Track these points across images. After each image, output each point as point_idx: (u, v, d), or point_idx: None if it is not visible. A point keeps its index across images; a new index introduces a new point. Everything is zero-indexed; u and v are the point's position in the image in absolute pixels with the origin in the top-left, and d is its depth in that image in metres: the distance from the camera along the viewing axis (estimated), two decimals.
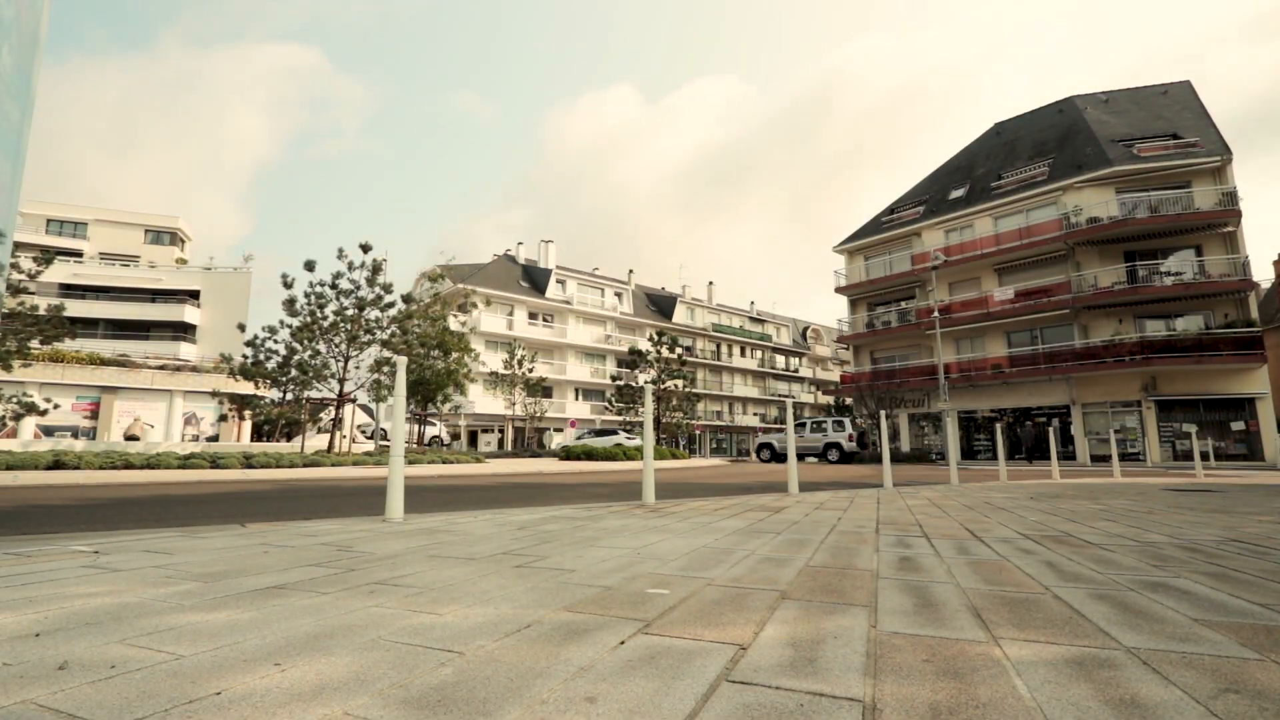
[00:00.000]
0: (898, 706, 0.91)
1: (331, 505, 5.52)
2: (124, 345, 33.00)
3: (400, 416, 3.84)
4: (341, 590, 1.69)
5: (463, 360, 20.73)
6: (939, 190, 32.33)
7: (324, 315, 15.66)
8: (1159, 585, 1.82)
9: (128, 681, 0.99)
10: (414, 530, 3.12)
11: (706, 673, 1.04)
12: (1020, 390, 26.36)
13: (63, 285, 31.68)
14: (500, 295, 39.61)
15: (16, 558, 2.26)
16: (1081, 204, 24.86)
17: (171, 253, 41.60)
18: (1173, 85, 29.85)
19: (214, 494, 7.05)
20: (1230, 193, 22.63)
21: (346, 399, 16.43)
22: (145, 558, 2.25)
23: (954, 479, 8.63)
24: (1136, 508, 4.73)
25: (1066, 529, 3.31)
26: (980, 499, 5.59)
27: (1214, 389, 22.36)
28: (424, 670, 1.04)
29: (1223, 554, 2.45)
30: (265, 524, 3.50)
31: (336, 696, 0.92)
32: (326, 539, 2.78)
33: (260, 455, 12.47)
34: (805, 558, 2.26)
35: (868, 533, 3.05)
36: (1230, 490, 7.26)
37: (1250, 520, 3.83)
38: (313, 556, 2.28)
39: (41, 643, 1.20)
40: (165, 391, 28.56)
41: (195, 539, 2.78)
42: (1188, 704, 0.92)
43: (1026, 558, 2.32)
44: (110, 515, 4.72)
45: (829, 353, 62.84)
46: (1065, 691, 0.97)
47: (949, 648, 1.19)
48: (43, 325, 13.76)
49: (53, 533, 3.39)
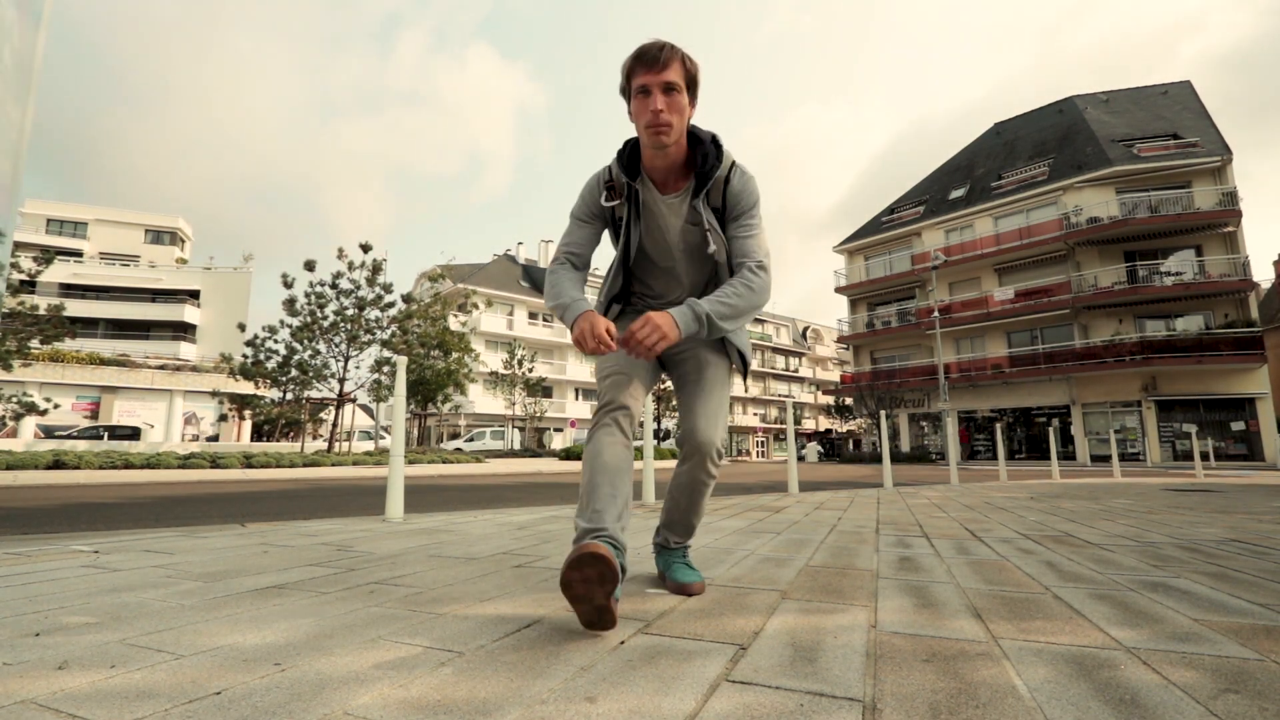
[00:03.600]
0: (898, 706, 0.91)
1: (331, 505, 5.52)
2: (124, 345, 33.03)
3: (400, 416, 3.84)
4: (341, 590, 1.69)
5: (463, 360, 20.73)
6: (939, 190, 32.33)
7: (324, 315, 15.66)
8: (1159, 585, 1.82)
9: (127, 681, 0.99)
10: (414, 530, 3.12)
11: (707, 672, 1.04)
12: (1020, 390, 26.37)
13: (63, 285, 31.70)
14: (500, 295, 39.63)
15: (16, 557, 2.27)
16: (1081, 204, 24.86)
17: (172, 252, 41.60)
18: (1173, 85, 29.85)
19: (214, 494, 7.06)
20: (1230, 193, 22.64)
21: (346, 399, 16.43)
22: (145, 557, 2.25)
23: (954, 479, 8.63)
24: (1136, 508, 4.73)
25: (1066, 529, 3.31)
26: (980, 499, 5.60)
27: (1214, 389, 22.36)
28: (424, 670, 1.04)
29: (1223, 554, 2.45)
30: (265, 524, 3.50)
31: (337, 695, 0.92)
32: (326, 539, 2.78)
33: (260, 455, 12.48)
34: (805, 557, 2.26)
35: (868, 533, 3.05)
36: (1230, 490, 7.26)
37: (1250, 520, 3.83)
38: (313, 556, 2.28)
39: (41, 642, 1.20)
40: (165, 391, 28.58)
41: (195, 539, 2.78)
42: (1188, 704, 0.92)
43: (1026, 558, 2.33)
44: (110, 515, 4.72)
45: (829, 353, 62.87)
46: (1065, 691, 0.97)
47: (949, 647, 1.19)
48: (43, 325, 13.76)
49: (53, 532, 3.39)
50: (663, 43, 1.42)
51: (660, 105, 1.40)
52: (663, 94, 1.41)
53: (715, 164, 1.50)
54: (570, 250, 1.60)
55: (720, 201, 1.54)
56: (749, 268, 1.48)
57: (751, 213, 1.54)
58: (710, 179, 1.50)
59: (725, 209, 1.54)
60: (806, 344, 61.93)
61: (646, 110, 1.41)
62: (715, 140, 1.53)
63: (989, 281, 27.84)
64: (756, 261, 1.48)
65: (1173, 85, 29.84)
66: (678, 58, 1.42)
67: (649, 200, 1.56)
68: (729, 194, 1.53)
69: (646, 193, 1.56)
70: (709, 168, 1.50)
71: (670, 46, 1.43)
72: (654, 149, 1.46)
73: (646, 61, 1.41)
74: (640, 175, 1.54)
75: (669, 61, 1.41)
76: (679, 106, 1.43)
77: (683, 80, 1.43)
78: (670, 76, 1.41)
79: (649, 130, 1.43)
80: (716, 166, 1.50)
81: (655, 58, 1.40)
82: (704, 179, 1.50)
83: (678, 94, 1.42)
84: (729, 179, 1.53)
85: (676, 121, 1.43)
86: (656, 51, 1.41)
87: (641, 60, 1.41)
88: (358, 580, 1.83)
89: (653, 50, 1.41)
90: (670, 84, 1.41)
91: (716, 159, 1.51)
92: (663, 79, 1.40)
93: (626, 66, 1.44)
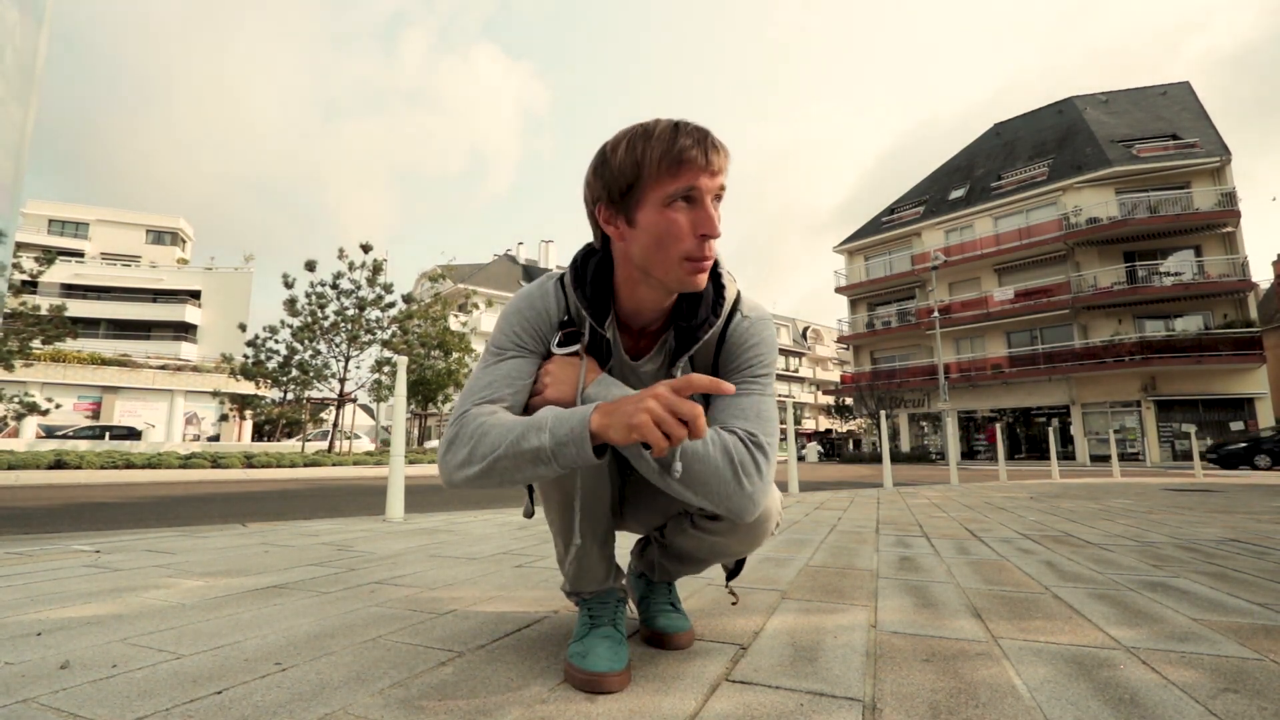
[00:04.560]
0: (898, 706, 0.91)
1: (332, 505, 5.52)
2: (125, 345, 33.05)
3: (400, 416, 3.85)
4: (342, 590, 1.69)
5: (463, 360, 20.75)
6: (939, 190, 32.33)
7: (325, 315, 15.66)
8: (1159, 585, 1.82)
9: (129, 680, 0.99)
10: (414, 530, 3.12)
11: (707, 672, 1.04)
12: (1020, 390, 26.36)
13: (64, 285, 31.70)
14: (501, 295, 39.61)
15: (18, 557, 2.27)
16: (1081, 204, 24.86)
17: (172, 253, 41.60)
18: (1172, 86, 29.85)
19: (215, 494, 7.06)
20: (1229, 193, 22.64)
21: (347, 399, 16.43)
22: (147, 557, 2.26)
23: (954, 479, 8.63)
24: (1136, 508, 4.73)
25: (1066, 529, 3.31)
26: (980, 499, 5.60)
27: (1213, 389, 22.36)
28: (425, 670, 1.04)
29: (1222, 554, 2.45)
30: (266, 523, 3.50)
31: (337, 695, 0.93)
32: (327, 539, 2.78)
33: (261, 455, 12.48)
34: (805, 557, 2.26)
35: (868, 532, 3.05)
36: (1229, 490, 7.26)
37: (1250, 520, 3.83)
38: (313, 556, 2.28)
39: (43, 642, 1.21)
40: (166, 391, 28.60)
41: (196, 538, 2.78)
42: (1187, 703, 0.93)
43: (1026, 557, 2.33)
44: (111, 515, 4.72)
45: (829, 353, 62.85)
46: (1065, 690, 0.97)
47: (949, 647, 1.19)
48: (44, 325, 13.78)
49: (54, 532, 3.39)
50: (705, 129, 0.91)
51: (716, 222, 0.91)
52: (716, 206, 0.93)
53: (710, 318, 0.99)
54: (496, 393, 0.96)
55: (712, 359, 1.04)
56: (740, 436, 0.91)
57: (755, 370, 1.00)
58: (698, 339, 0.99)
59: (718, 364, 1.03)
60: (806, 344, 61.94)
61: (690, 229, 0.90)
62: (715, 272, 1.01)
63: (989, 281, 27.83)
64: (748, 432, 0.92)
65: (1172, 86, 29.84)
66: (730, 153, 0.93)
67: (615, 362, 1.05)
68: (725, 350, 1.02)
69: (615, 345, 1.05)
70: (700, 321, 0.99)
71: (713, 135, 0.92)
72: (676, 288, 0.95)
73: (700, 152, 0.88)
74: (610, 316, 1.02)
75: (727, 160, 0.92)
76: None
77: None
78: (725, 178, 0.93)
79: (689, 265, 0.91)
80: (711, 322, 0.99)
81: (715, 147, 0.90)
82: (689, 336, 1.00)
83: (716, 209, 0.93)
84: (726, 329, 1.02)
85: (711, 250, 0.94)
86: (715, 141, 0.91)
87: (696, 149, 0.88)
88: (358, 580, 1.84)
89: (710, 138, 0.90)
90: (723, 190, 0.93)
91: (714, 310, 1.00)
92: (720, 182, 0.92)
93: (656, 153, 0.88)
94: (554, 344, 1.01)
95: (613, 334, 1.03)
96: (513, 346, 1.00)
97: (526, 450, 0.85)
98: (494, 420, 0.90)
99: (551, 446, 0.83)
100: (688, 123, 0.90)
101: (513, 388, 0.97)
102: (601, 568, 1.10)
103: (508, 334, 1.01)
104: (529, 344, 1.01)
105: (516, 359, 1.00)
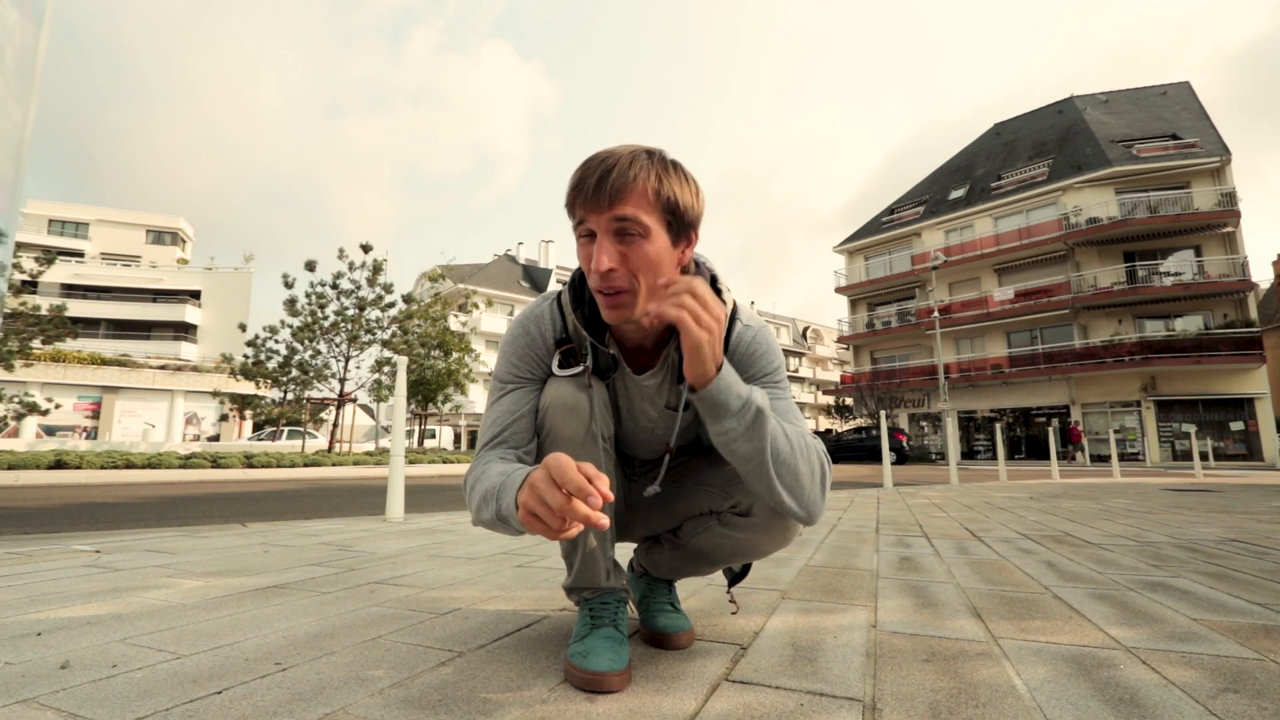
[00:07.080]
0: (897, 706, 0.91)
1: (332, 505, 5.52)
2: (125, 345, 33.05)
3: (401, 416, 3.85)
4: (342, 590, 1.69)
5: (463, 360, 20.75)
6: (939, 190, 32.33)
7: (325, 315, 15.66)
8: (1159, 585, 1.82)
9: (129, 680, 0.99)
10: (414, 530, 3.12)
11: (707, 672, 1.04)
12: (1020, 390, 26.36)
13: (64, 285, 31.71)
14: (501, 295, 39.63)
15: (18, 557, 2.27)
16: (1081, 204, 24.86)
17: (172, 253, 41.59)
18: (1172, 86, 29.85)
19: (215, 494, 7.06)
20: (1229, 193, 22.64)
21: (347, 399, 16.43)
22: (147, 557, 2.26)
23: (954, 479, 8.63)
24: (1136, 508, 4.73)
25: (1066, 529, 3.31)
26: (980, 499, 5.60)
27: (1213, 389, 22.36)
28: (425, 670, 1.04)
29: (1222, 554, 2.45)
30: (266, 524, 3.50)
31: (337, 695, 0.93)
32: (327, 539, 2.78)
33: (261, 455, 12.48)
34: (805, 557, 2.27)
35: (868, 532, 3.05)
36: (1229, 490, 7.26)
37: (1250, 520, 3.83)
38: (313, 556, 2.28)
39: (43, 642, 1.21)
40: (166, 391, 28.59)
41: (196, 538, 2.78)
42: (1187, 703, 0.93)
43: (1026, 557, 2.33)
44: (112, 515, 4.72)
45: (829, 353, 62.85)
46: (1065, 690, 0.97)
47: (949, 647, 1.19)
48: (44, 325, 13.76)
49: (54, 532, 3.39)
50: (621, 154, 0.88)
51: (608, 258, 0.87)
52: (613, 240, 0.88)
53: None
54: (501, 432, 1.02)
55: None
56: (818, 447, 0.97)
57: (775, 376, 1.03)
58: None
59: None
60: (807, 344, 61.93)
61: (591, 264, 0.89)
62: (715, 288, 1.00)
63: (989, 282, 27.83)
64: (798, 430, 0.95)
65: (1172, 86, 29.84)
66: (641, 179, 0.87)
67: (618, 376, 1.07)
68: (735, 360, 1.02)
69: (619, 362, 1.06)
70: None
71: (635, 158, 0.88)
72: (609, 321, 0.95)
73: (590, 188, 0.87)
74: (608, 333, 1.03)
75: (621, 190, 0.86)
76: (645, 258, 0.88)
77: (656, 213, 0.88)
78: (626, 210, 0.86)
79: (600, 297, 0.92)
80: None
81: (604, 184, 0.86)
82: None
83: (640, 239, 0.87)
84: (729, 340, 1.02)
85: (645, 280, 0.89)
86: (613, 176, 0.86)
87: (585, 185, 0.87)
88: (358, 580, 1.84)
89: (595, 172, 0.87)
90: (624, 221, 0.87)
91: None
92: (614, 214, 0.87)
93: (568, 189, 0.91)
94: (554, 365, 1.05)
95: (615, 350, 1.05)
96: (511, 379, 1.07)
97: (488, 517, 0.90)
98: (484, 475, 0.94)
99: (504, 515, 0.86)
100: (599, 157, 0.89)
101: (515, 425, 1.03)
102: (604, 565, 1.11)
103: (505, 367, 1.07)
104: (526, 373, 1.07)
105: (515, 391, 1.06)
